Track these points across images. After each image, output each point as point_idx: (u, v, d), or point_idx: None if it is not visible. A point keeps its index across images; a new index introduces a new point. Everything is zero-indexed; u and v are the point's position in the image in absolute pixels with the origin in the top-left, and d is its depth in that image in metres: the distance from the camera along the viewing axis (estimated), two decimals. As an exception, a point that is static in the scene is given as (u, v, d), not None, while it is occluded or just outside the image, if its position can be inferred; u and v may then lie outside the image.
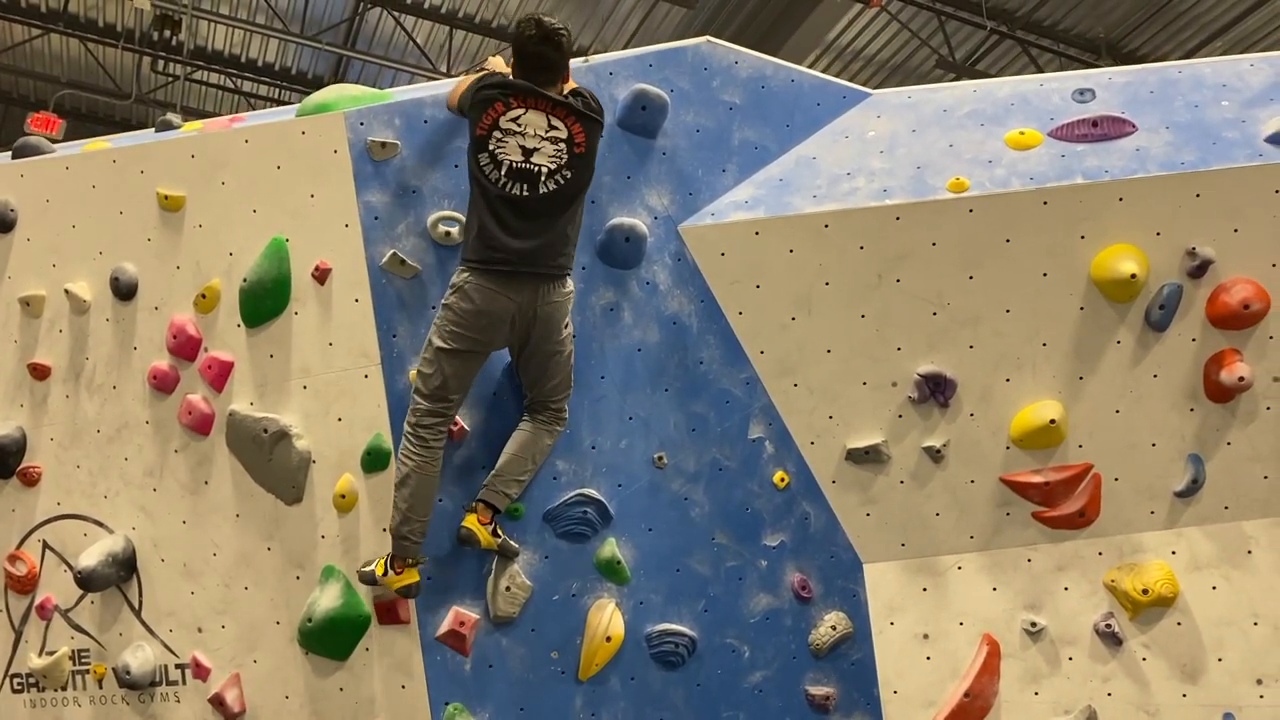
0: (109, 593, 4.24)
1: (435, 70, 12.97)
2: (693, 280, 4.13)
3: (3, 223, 4.44)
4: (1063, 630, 4.04)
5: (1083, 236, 3.94)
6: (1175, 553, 4.03)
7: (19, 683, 4.39)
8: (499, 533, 3.87)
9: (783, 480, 4.13)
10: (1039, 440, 4.02)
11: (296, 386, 4.05)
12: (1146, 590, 3.94)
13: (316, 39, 12.87)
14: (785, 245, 4.05)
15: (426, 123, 4.04)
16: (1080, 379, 4.02)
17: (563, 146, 3.69)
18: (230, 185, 4.13)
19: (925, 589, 4.12)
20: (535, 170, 3.66)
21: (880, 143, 4.22)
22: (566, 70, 3.82)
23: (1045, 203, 3.93)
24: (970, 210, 3.96)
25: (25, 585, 4.37)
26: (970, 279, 4.00)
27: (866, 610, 4.13)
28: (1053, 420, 3.96)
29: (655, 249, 4.13)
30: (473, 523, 3.79)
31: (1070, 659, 4.04)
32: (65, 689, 4.32)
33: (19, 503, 4.41)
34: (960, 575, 4.12)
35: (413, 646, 3.94)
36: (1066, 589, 4.06)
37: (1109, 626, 4.00)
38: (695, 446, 4.10)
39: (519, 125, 3.67)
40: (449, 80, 4.40)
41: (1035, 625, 4.05)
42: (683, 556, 4.07)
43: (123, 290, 4.24)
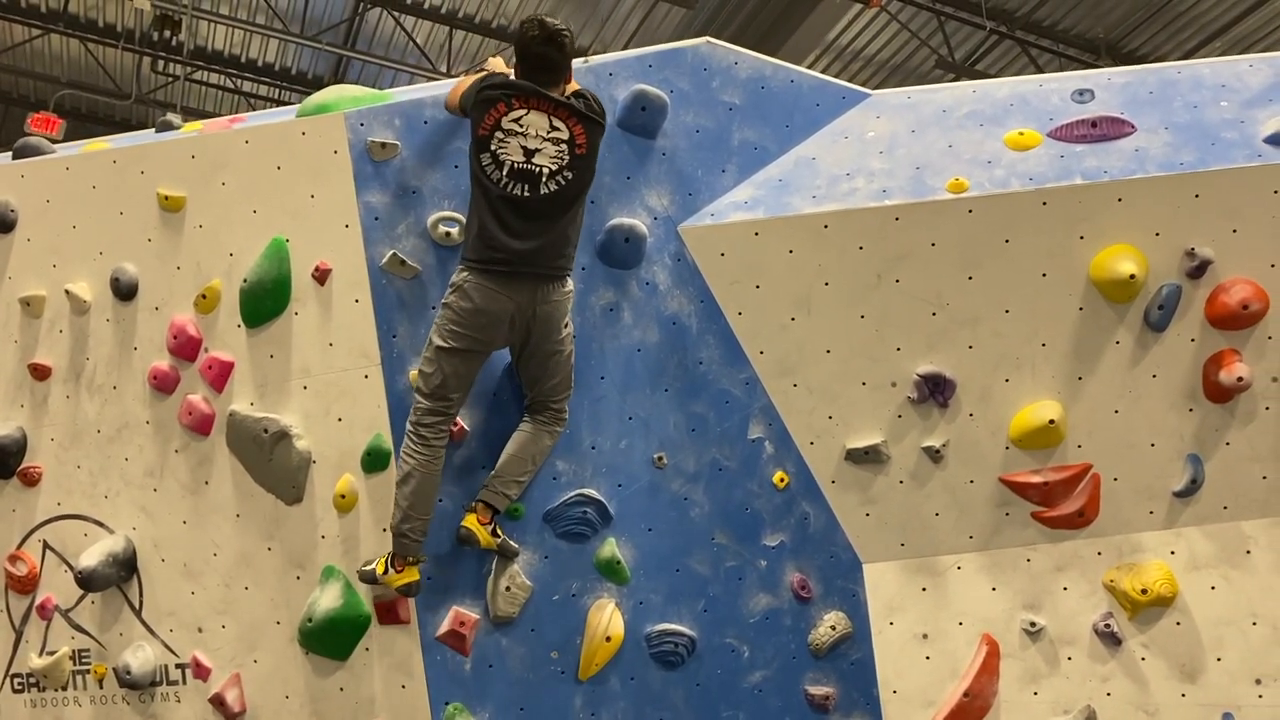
0: (109, 593, 4.25)
1: (435, 70, 12.97)
2: (692, 280, 4.14)
3: (3, 223, 4.44)
4: (1062, 630, 4.05)
5: (1082, 237, 3.94)
6: (1174, 553, 4.04)
7: (19, 683, 4.39)
8: (499, 532, 3.87)
9: (782, 480, 4.13)
10: (1038, 440, 4.02)
11: (297, 387, 4.05)
12: (1145, 590, 3.95)
13: (316, 39, 12.86)
14: (785, 246, 4.06)
15: (426, 123, 4.04)
16: (1079, 379, 4.02)
17: (564, 147, 3.70)
18: (230, 186, 4.14)
19: (925, 589, 4.13)
20: (536, 171, 3.67)
21: (880, 143, 4.22)
22: (569, 71, 3.83)
23: (1044, 203, 3.94)
24: (969, 211, 3.97)
25: (26, 585, 4.37)
26: (969, 279, 4.01)
27: (866, 610, 4.13)
28: (1052, 420, 3.96)
29: (655, 249, 4.13)
30: (472, 522, 3.80)
31: (1069, 659, 4.04)
32: (66, 689, 4.32)
33: (19, 503, 4.41)
34: (960, 575, 4.13)
35: (413, 646, 3.95)
36: (1066, 589, 4.07)
37: (1108, 626, 4.00)
38: (695, 446, 4.11)
39: (521, 126, 3.68)
40: (449, 80, 4.40)
41: (1034, 625, 4.05)
42: (682, 556, 4.08)
43: (123, 290, 4.24)
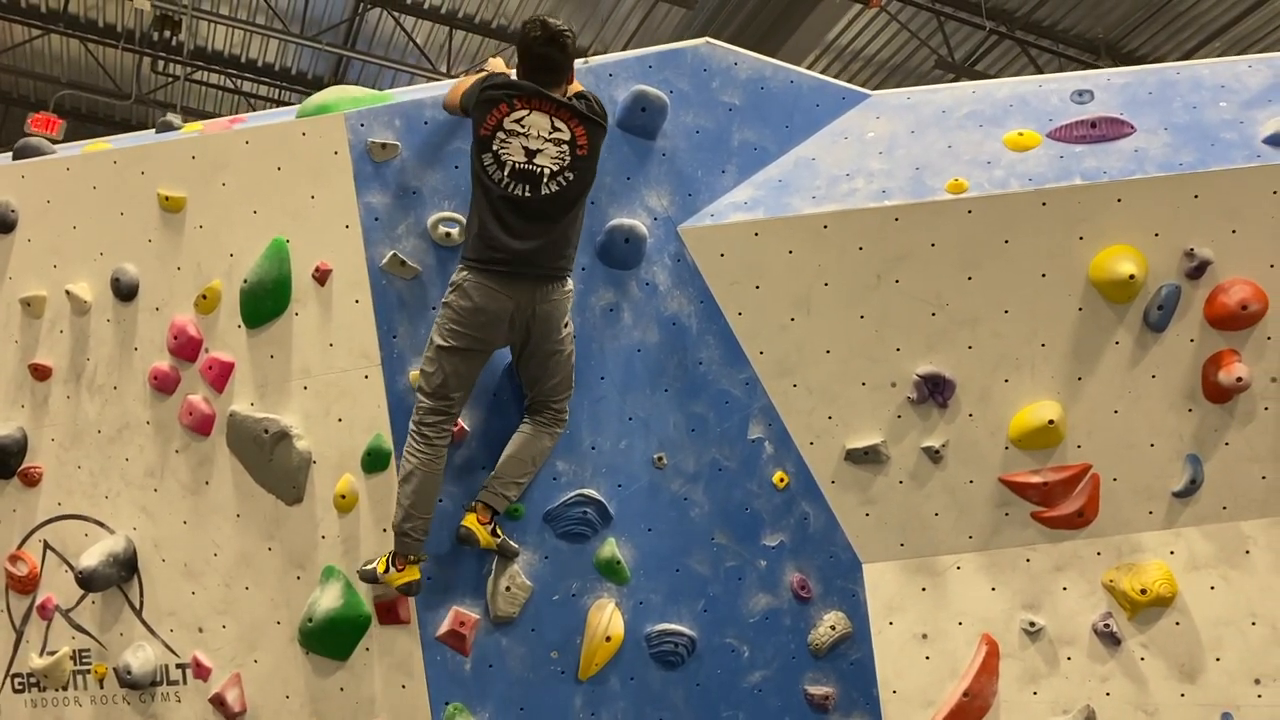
0: (110, 593, 4.25)
1: (435, 70, 12.97)
2: (692, 281, 4.14)
3: (4, 224, 4.44)
4: (1061, 630, 4.05)
5: (1081, 237, 3.95)
6: (1173, 553, 4.04)
7: (20, 683, 4.39)
8: (498, 532, 3.88)
9: (782, 480, 4.14)
10: (1038, 440, 4.03)
11: (297, 387, 4.06)
12: (1145, 590, 3.95)
13: (316, 39, 12.86)
14: (784, 246, 4.06)
15: (426, 124, 4.05)
16: (1079, 379, 4.02)
17: (565, 148, 3.70)
18: (231, 186, 4.14)
19: (924, 589, 4.13)
20: (538, 171, 3.67)
21: (879, 144, 4.23)
22: (571, 72, 3.83)
23: (1044, 204, 3.94)
24: (969, 211, 3.97)
25: (26, 585, 4.38)
26: (969, 280, 4.01)
27: (865, 610, 4.14)
28: (1051, 421, 3.97)
29: (655, 250, 4.14)
30: (472, 522, 3.80)
31: (1069, 659, 4.04)
32: (66, 689, 4.33)
33: (20, 503, 4.42)
34: (959, 575, 4.13)
35: (413, 646, 3.95)
36: (1065, 589, 4.07)
37: (1107, 626, 4.01)
38: (695, 447, 4.11)
39: (523, 126, 3.68)
40: (449, 80, 4.41)
41: (1034, 625, 4.06)
42: (682, 556, 4.08)
43: (123, 291, 4.24)
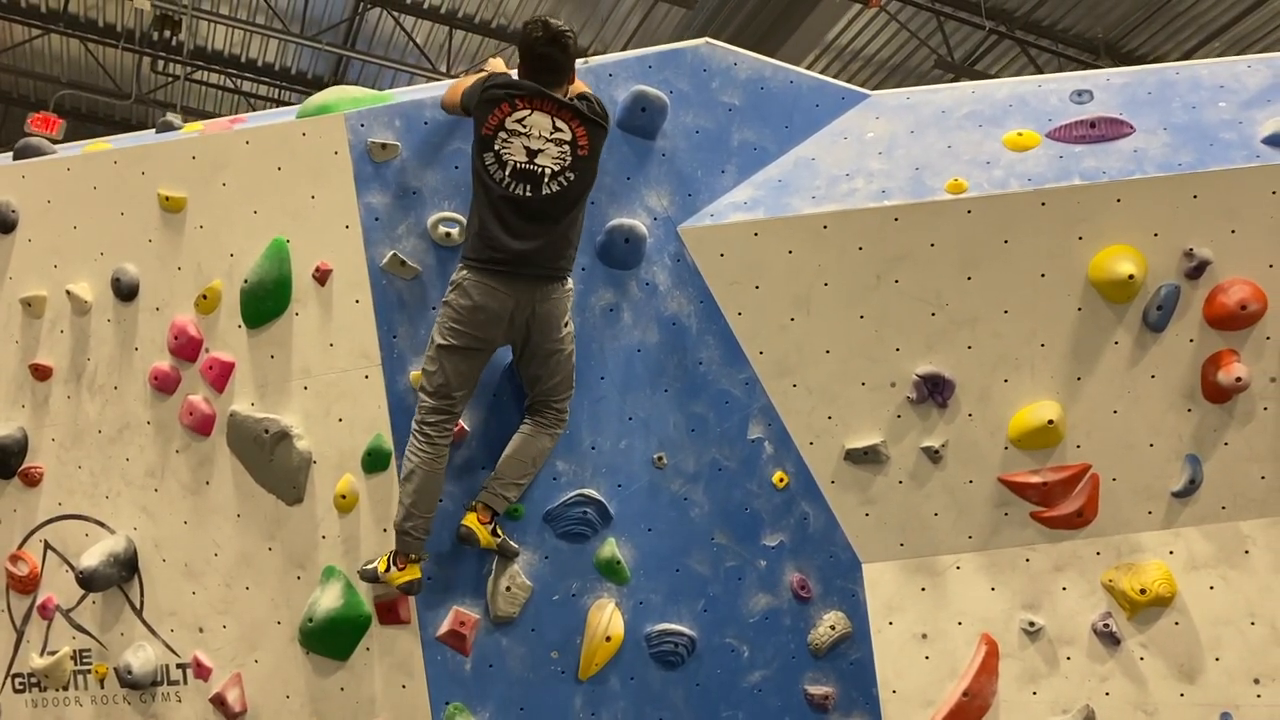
0: (110, 593, 4.25)
1: (435, 70, 12.97)
2: (692, 281, 4.15)
3: (4, 224, 4.45)
4: (1061, 630, 4.05)
5: (1081, 237, 3.95)
6: (1173, 552, 4.05)
7: (21, 682, 4.39)
8: (499, 532, 3.88)
9: (782, 480, 4.14)
10: (1037, 440, 4.03)
11: (297, 387, 4.06)
12: (1144, 590, 3.95)
13: (316, 39, 12.86)
14: (784, 246, 4.06)
15: (426, 124, 4.05)
16: (1078, 379, 4.03)
17: (566, 149, 3.70)
18: (231, 186, 4.14)
19: (924, 589, 4.13)
20: (539, 171, 3.67)
21: (879, 144, 4.23)
22: (572, 72, 3.83)
23: (1043, 204, 3.94)
24: (968, 211, 3.97)
25: (27, 585, 4.38)
26: (968, 280, 4.01)
27: (865, 610, 4.14)
28: (1051, 421, 3.97)
29: (655, 250, 4.14)
30: (472, 521, 3.81)
31: (1068, 658, 4.05)
32: (67, 689, 4.33)
33: (20, 503, 4.42)
34: (959, 575, 4.13)
35: (413, 646, 3.96)
36: (1065, 589, 4.07)
37: (1107, 626, 4.01)
38: (695, 447, 4.11)
39: (524, 126, 3.68)
40: (449, 80, 4.41)
41: (1033, 625, 4.06)
42: (682, 556, 4.09)
43: (124, 291, 4.24)
